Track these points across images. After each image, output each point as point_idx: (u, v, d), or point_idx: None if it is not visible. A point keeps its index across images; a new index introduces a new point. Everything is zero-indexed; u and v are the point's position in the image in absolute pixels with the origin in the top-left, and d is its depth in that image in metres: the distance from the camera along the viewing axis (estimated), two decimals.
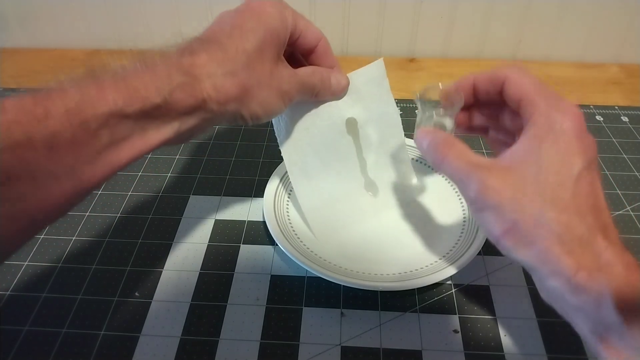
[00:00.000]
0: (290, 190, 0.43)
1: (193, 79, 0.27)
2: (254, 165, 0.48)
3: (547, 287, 0.28)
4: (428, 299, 0.36)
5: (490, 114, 0.35)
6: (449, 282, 0.37)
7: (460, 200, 0.42)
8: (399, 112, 0.40)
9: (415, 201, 0.43)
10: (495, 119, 0.35)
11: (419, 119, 0.35)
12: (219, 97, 0.28)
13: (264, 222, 0.41)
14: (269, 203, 0.41)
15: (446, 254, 0.37)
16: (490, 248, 0.31)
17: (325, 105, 0.37)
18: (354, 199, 0.41)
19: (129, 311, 0.35)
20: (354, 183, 0.41)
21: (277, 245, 0.37)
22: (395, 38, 0.66)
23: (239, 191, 0.45)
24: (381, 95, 0.39)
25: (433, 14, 0.64)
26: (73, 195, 0.24)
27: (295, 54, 0.36)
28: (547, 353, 0.32)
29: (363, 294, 0.36)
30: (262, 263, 0.39)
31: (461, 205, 0.42)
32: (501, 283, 0.37)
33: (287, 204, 0.42)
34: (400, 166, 0.42)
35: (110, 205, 0.44)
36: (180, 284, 0.37)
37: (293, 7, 0.33)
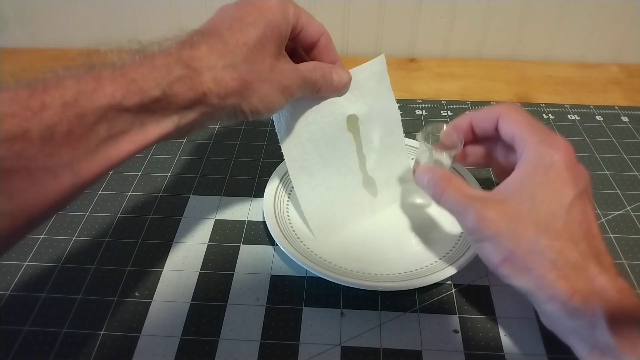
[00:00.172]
0: (290, 190, 0.43)
1: (193, 72, 0.26)
2: (254, 165, 0.48)
3: (545, 312, 0.29)
4: (428, 299, 0.36)
5: (490, 148, 0.37)
6: (449, 282, 0.37)
7: None
8: (399, 110, 0.40)
9: (415, 200, 0.43)
10: (495, 152, 0.37)
11: (419, 156, 0.38)
12: (219, 91, 0.27)
13: (264, 222, 0.41)
14: (269, 203, 0.41)
15: (446, 254, 0.37)
16: None
17: (326, 101, 0.37)
18: (354, 196, 0.41)
19: (129, 311, 0.35)
20: (354, 180, 0.41)
21: (277, 245, 0.37)
22: (395, 38, 0.66)
23: (239, 191, 0.45)
24: (382, 91, 0.39)
25: (433, 14, 0.64)
26: (70, 190, 0.23)
27: (297, 49, 0.36)
28: (547, 353, 0.32)
29: (363, 294, 0.36)
30: (262, 263, 0.39)
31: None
32: (501, 283, 0.36)
33: (287, 204, 0.42)
34: (400, 164, 0.42)
35: (110, 205, 0.44)
36: (180, 284, 0.37)
37: None
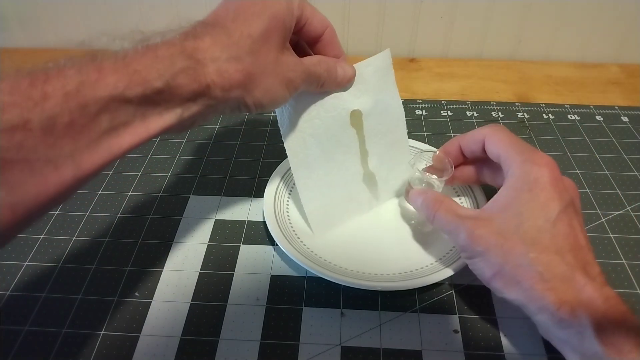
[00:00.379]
0: (290, 190, 0.43)
1: (196, 63, 0.26)
2: (254, 165, 0.48)
3: (537, 322, 0.30)
4: (428, 299, 0.36)
5: (479, 168, 0.39)
6: (449, 282, 0.37)
7: (460, 199, 0.42)
8: (402, 105, 0.40)
9: None
10: (484, 172, 0.39)
11: (412, 180, 0.40)
12: (223, 83, 0.27)
13: (264, 222, 0.41)
14: (269, 203, 0.41)
15: (446, 254, 0.37)
16: None
17: (330, 96, 0.36)
18: (354, 191, 0.41)
19: (129, 311, 0.35)
20: (355, 176, 0.41)
21: (277, 245, 0.37)
22: (395, 38, 0.66)
23: (239, 191, 0.45)
24: (387, 86, 0.39)
25: (433, 14, 0.64)
26: (71, 182, 0.22)
27: (301, 43, 0.36)
28: (547, 353, 0.32)
29: (363, 294, 0.36)
30: (262, 263, 0.39)
31: (461, 205, 0.42)
32: None
33: (287, 204, 0.42)
34: (402, 160, 0.42)
35: (110, 205, 0.44)
36: (180, 284, 0.37)
37: None
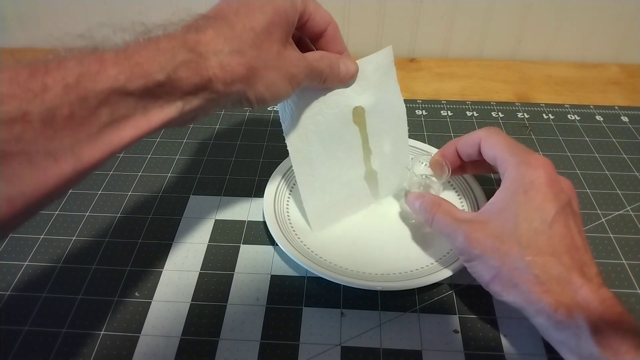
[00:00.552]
0: (291, 189, 0.43)
1: (198, 57, 0.26)
2: (254, 165, 0.48)
3: (536, 325, 0.30)
4: (428, 299, 0.36)
5: (477, 170, 0.40)
6: (449, 282, 0.37)
7: (460, 199, 0.42)
8: (404, 103, 0.40)
9: None
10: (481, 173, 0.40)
11: (410, 184, 0.41)
12: (225, 77, 0.27)
13: (264, 222, 0.41)
14: (269, 203, 0.41)
15: (446, 254, 0.37)
16: None
17: (332, 92, 0.36)
18: (354, 188, 0.41)
19: (129, 311, 0.35)
20: (356, 173, 0.41)
21: (277, 245, 0.37)
22: (395, 38, 0.66)
23: (239, 191, 0.45)
24: (389, 83, 0.38)
25: (433, 14, 0.64)
26: (71, 176, 0.22)
27: (304, 38, 0.35)
28: (547, 353, 0.32)
29: (363, 294, 0.36)
30: (262, 263, 0.39)
31: (461, 205, 0.42)
32: None
33: (287, 204, 0.42)
34: (402, 158, 0.42)
35: (110, 205, 0.44)
36: (180, 284, 0.37)
37: None
